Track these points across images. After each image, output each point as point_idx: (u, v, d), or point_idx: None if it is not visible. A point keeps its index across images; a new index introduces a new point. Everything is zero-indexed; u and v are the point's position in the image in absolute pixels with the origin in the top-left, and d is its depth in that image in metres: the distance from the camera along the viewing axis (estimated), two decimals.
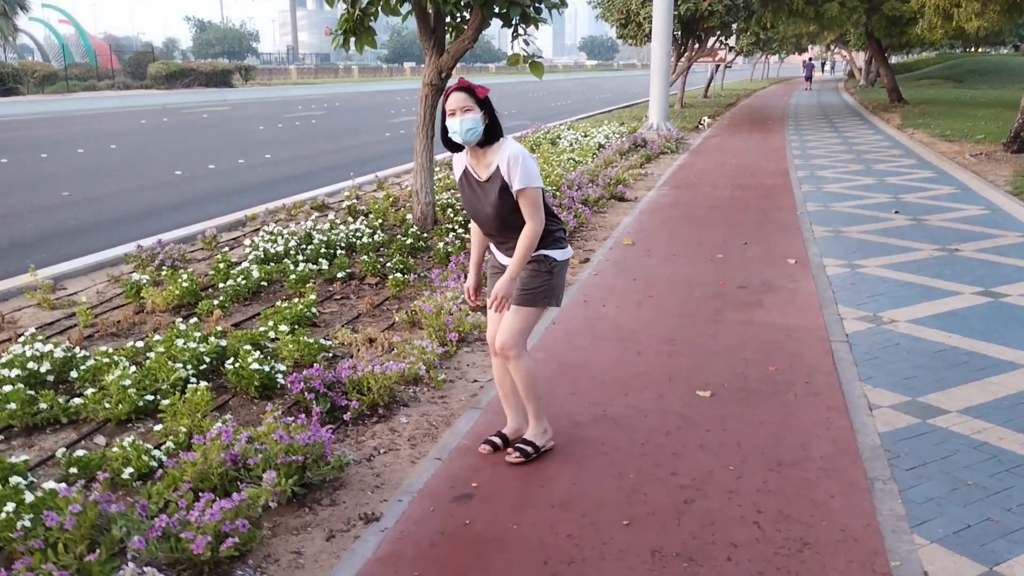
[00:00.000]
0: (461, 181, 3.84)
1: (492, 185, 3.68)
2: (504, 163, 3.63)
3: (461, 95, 3.60)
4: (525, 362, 3.85)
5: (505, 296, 3.71)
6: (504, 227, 3.74)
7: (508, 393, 4.07)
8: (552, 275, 3.81)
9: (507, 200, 3.65)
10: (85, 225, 9.94)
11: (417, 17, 8.50)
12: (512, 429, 4.11)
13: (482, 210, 3.75)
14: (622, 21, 27.51)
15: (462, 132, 3.59)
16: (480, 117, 3.61)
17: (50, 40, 58.05)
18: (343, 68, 76.46)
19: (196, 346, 4.86)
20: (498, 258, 3.94)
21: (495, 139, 3.68)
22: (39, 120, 26.11)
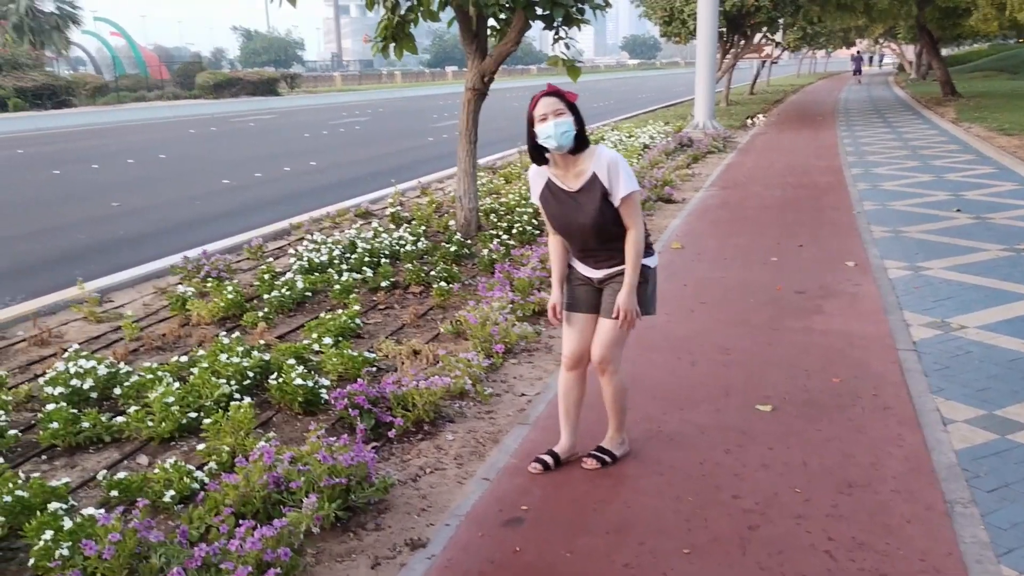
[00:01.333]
0: (544, 196, 3.68)
1: (589, 194, 3.53)
2: (603, 169, 3.50)
3: (552, 99, 3.48)
4: (621, 375, 3.82)
5: (631, 309, 3.60)
6: (601, 238, 3.60)
7: (570, 408, 3.93)
8: (647, 283, 3.70)
9: (608, 208, 3.51)
10: (134, 235, 10.01)
11: (459, 21, 8.38)
12: (565, 447, 3.95)
13: (577, 221, 3.59)
14: (666, 19, 27.16)
15: (557, 135, 3.43)
16: (572, 121, 3.47)
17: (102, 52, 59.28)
18: (386, 74, 76.92)
19: (239, 361, 4.78)
20: (582, 271, 3.78)
21: (585, 146, 3.55)
22: (91, 131, 26.61)
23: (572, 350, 3.84)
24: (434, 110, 34.19)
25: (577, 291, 3.81)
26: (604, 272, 3.70)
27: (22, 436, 4.25)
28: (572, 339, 3.85)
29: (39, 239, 9.86)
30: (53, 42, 45.52)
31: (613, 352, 3.73)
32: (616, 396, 3.86)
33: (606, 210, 3.51)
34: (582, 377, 3.91)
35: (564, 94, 3.52)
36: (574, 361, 3.85)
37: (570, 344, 3.85)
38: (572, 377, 3.89)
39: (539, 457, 3.92)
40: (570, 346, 3.85)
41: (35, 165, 17.58)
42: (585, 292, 3.79)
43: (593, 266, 3.72)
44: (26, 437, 4.29)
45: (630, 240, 3.56)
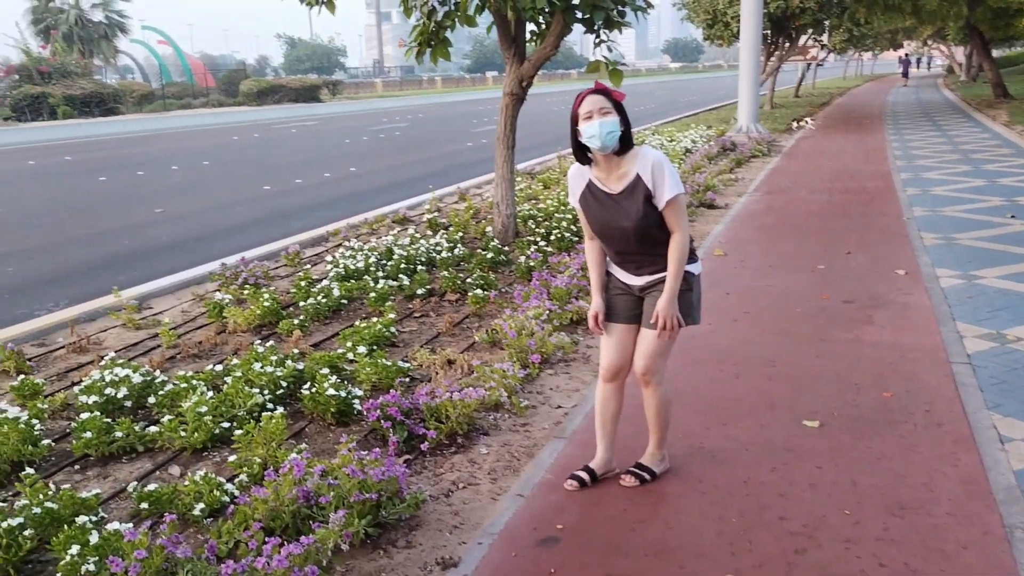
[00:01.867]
0: (585, 198, 3.55)
1: (632, 197, 3.40)
2: (647, 171, 3.36)
3: (598, 97, 3.35)
4: (666, 387, 3.70)
5: (672, 316, 3.47)
6: (643, 243, 3.45)
7: (607, 422, 3.80)
8: (692, 291, 3.55)
9: (651, 211, 3.38)
10: (176, 241, 10.09)
11: (497, 25, 8.30)
12: (600, 463, 3.82)
13: (618, 225, 3.45)
14: (709, 22, 26.87)
15: (602, 135, 3.31)
16: (618, 121, 3.35)
17: (150, 61, 60.42)
18: (427, 79, 77.33)
19: (273, 370, 4.73)
20: (622, 278, 3.64)
21: (630, 147, 3.42)
22: (137, 138, 27.07)
23: (610, 361, 3.72)
24: (474, 115, 34.23)
25: (615, 300, 3.68)
26: (645, 279, 3.56)
27: (55, 445, 4.24)
28: (610, 350, 3.72)
29: (85, 244, 9.98)
30: (101, 51, 46.48)
31: (657, 363, 3.60)
32: (660, 409, 3.72)
33: (649, 213, 3.38)
34: (620, 389, 3.78)
35: (611, 93, 3.39)
36: (612, 373, 3.72)
37: (608, 355, 3.73)
38: (610, 389, 3.76)
39: (575, 473, 3.80)
40: (608, 357, 3.73)
41: (82, 171, 17.89)
42: (624, 301, 3.66)
43: (633, 272, 3.58)
44: (60, 446, 4.28)
45: (674, 244, 3.42)
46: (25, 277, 8.45)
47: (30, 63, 35.57)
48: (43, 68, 35.46)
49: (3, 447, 3.96)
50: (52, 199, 13.87)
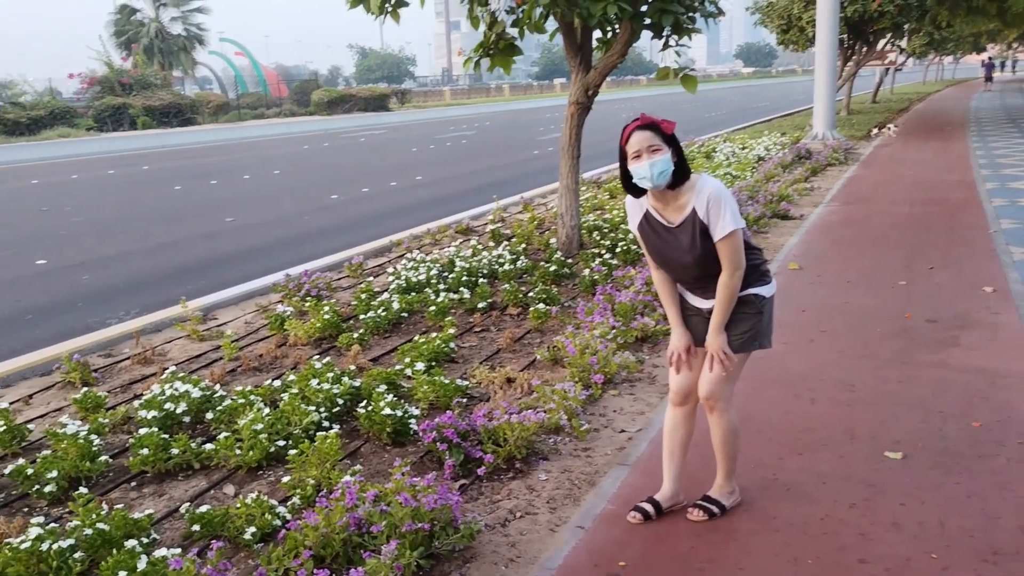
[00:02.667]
0: (643, 227, 3.38)
1: (688, 230, 3.22)
2: (703, 204, 3.16)
3: (646, 134, 3.14)
4: (732, 414, 3.47)
5: (720, 349, 3.30)
6: (705, 272, 3.27)
7: (675, 450, 3.60)
8: (762, 315, 3.34)
9: (707, 244, 3.19)
10: (245, 251, 10.19)
11: (563, 33, 8.15)
12: (667, 495, 3.61)
13: (677, 259, 3.29)
14: (783, 26, 26.23)
15: (653, 177, 3.12)
16: (670, 156, 3.15)
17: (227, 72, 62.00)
18: (494, 87, 77.60)
19: (330, 387, 4.65)
20: (691, 300, 3.46)
21: (685, 178, 3.22)
22: (211, 148, 27.71)
23: (679, 384, 3.53)
24: (540, 123, 34.13)
25: (688, 323, 3.50)
26: (710, 303, 3.35)
27: (113, 461, 4.22)
28: (683, 374, 3.53)
29: (157, 253, 10.16)
30: (180, 62, 47.86)
31: (722, 388, 3.38)
32: (726, 437, 3.50)
33: (706, 247, 3.19)
34: (690, 415, 3.58)
35: (659, 125, 3.17)
36: (681, 396, 3.53)
37: (677, 377, 3.54)
38: (679, 414, 3.57)
39: (639, 505, 3.60)
40: (677, 379, 3.54)
41: (158, 181, 18.34)
42: (695, 323, 3.47)
43: (701, 296, 3.41)
44: (118, 461, 4.27)
45: (722, 282, 3.22)
46: (100, 285, 8.62)
47: (112, 75, 36.81)
48: (124, 80, 36.66)
49: (62, 463, 3.95)
50: (129, 208, 14.21)
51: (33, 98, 33.84)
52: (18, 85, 35.22)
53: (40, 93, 35.36)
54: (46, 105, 32.12)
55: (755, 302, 3.31)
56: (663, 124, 3.18)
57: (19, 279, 8.96)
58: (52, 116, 31.53)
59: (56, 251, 10.38)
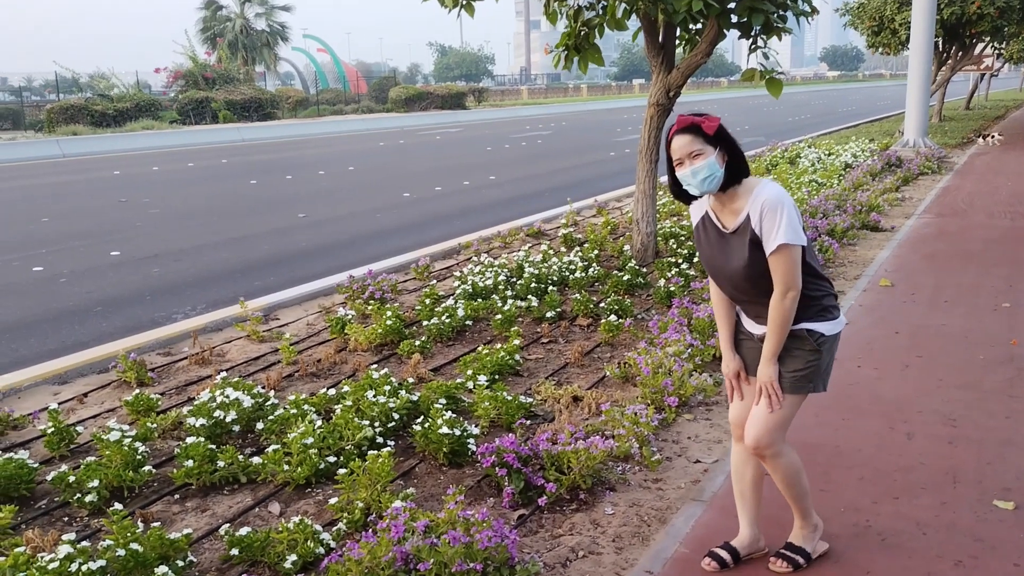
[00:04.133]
0: (698, 230, 3.05)
1: (740, 237, 2.86)
2: (757, 211, 2.80)
3: (685, 138, 2.83)
4: (786, 459, 3.06)
5: (769, 383, 2.92)
6: (757, 290, 2.91)
7: (746, 491, 3.23)
8: (820, 354, 2.92)
9: (759, 258, 2.83)
10: (314, 248, 10.09)
11: (645, 31, 7.78)
12: (744, 542, 3.25)
13: (726, 268, 2.94)
14: (874, 28, 25.19)
15: (697, 184, 2.82)
16: (715, 159, 2.81)
17: (309, 68, 63.10)
18: (572, 87, 77.09)
19: (386, 401, 4.40)
20: (745, 324, 3.10)
21: (741, 177, 2.87)
22: (289, 143, 28.03)
23: (737, 417, 3.19)
24: (618, 124, 33.61)
25: (740, 348, 3.14)
26: (763, 329, 2.98)
27: (156, 471, 4.05)
28: (736, 405, 3.19)
29: (228, 247, 10.14)
30: (263, 58, 48.78)
31: (772, 435, 2.97)
32: (787, 481, 3.10)
33: (758, 260, 2.83)
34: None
35: (701, 125, 2.81)
36: (741, 430, 3.17)
37: (734, 410, 3.20)
38: (743, 451, 3.19)
39: (714, 551, 3.24)
40: (734, 412, 3.20)
41: (235, 175, 18.54)
42: (749, 351, 3.10)
43: (753, 319, 3.04)
44: (163, 470, 4.10)
45: (775, 304, 2.83)
46: (170, 279, 8.60)
47: (196, 69, 37.68)
48: (207, 74, 37.48)
49: (107, 471, 3.79)
50: (204, 201, 14.34)
51: (122, 91, 34.80)
52: (109, 79, 36.23)
53: (129, 87, 36.36)
54: (132, 98, 32.99)
55: (809, 338, 2.90)
56: (704, 124, 2.82)
57: (93, 270, 9.02)
58: (138, 109, 32.37)
59: (131, 243, 10.46)
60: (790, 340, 2.91)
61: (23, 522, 3.63)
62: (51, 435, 4.22)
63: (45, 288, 8.23)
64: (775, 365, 2.91)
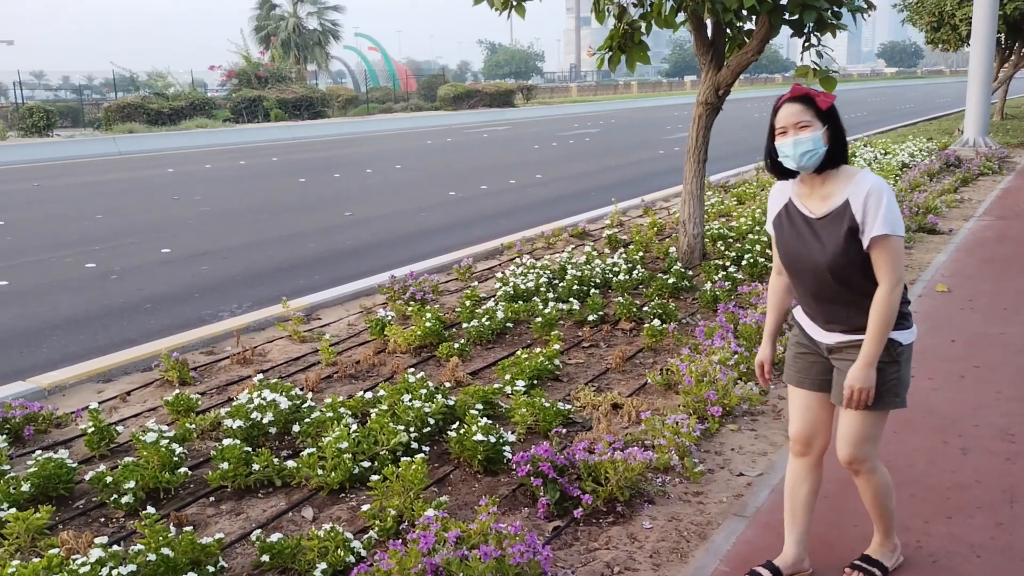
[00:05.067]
0: (780, 219, 2.91)
1: (833, 225, 2.73)
2: (860, 197, 2.69)
3: (796, 107, 2.73)
4: (880, 476, 2.98)
5: (866, 390, 2.75)
6: (840, 285, 2.76)
7: (798, 509, 3.11)
8: (899, 365, 2.80)
9: (854, 249, 2.70)
10: (359, 247, 10.13)
11: (694, 29, 7.62)
12: (788, 561, 3.12)
13: (809, 257, 2.79)
14: (934, 24, 24.52)
15: (796, 156, 2.71)
16: (821, 135, 2.71)
17: (360, 66, 63.66)
18: (623, 84, 76.58)
19: (421, 406, 4.35)
20: (809, 331, 2.95)
21: (839, 163, 2.77)
22: (339, 141, 28.28)
23: (798, 432, 3.05)
24: (667, 121, 33.26)
25: (800, 361, 3.00)
26: (835, 338, 2.84)
27: (193, 473, 4.05)
28: (797, 419, 3.05)
29: (275, 245, 10.23)
30: (315, 57, 49.35)
31: (865, 450, 2.87)
32: (878, 498, 3.00)
33: (851, 251, 2.69)
34: (815, 467, 3.08)
35: (815, 98, 2.72)
36: (802, 445, 3.05)
37: (795, 424, 3.06)
38: (801, 467, 3.08)
39: (755, 570, 3.12)
40: (795, 427, 3.06)
41: (285, 172, 18.74)
42: (811, 363, 2.97)
43: (823, 325, 2.88)
44: (199, 472, 4.10)
45: (879, 298, 2.69)
46: (217, 277, 8.70)
47: (249, 68, 38.24)
48: (260, 73, 38.01)
49: (143, 471, 3.80)
50: (254, 199, 14.51)
51: (178, 89, 35.47)
52: (166, 77, 36.98)
53: (184, 85, 37.05)
54: (187, 96, 33.61)
55: (891, 348, 2.76)
56: (819, 97, 2.72)
57: (143, 267, 9.17)
58: (192, 107, 32.96)
59: (181, 240, 10.61)
60: None
61: (60, 522, 3.66)
62: (91, 434, 4.26)
63: (97, 285, 8.38)
64: (872, 371, 2.74)
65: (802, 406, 3.03)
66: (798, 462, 3.08)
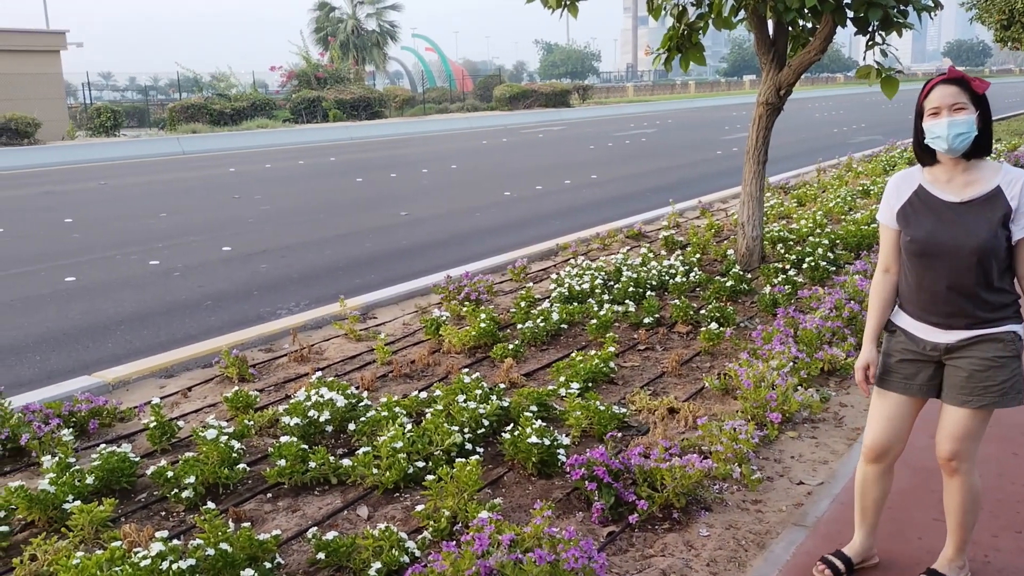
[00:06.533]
0: (907, 208, 2.85)
1: (983, 210, 2.71)
2: (1016, 185, 2.69)
3: (952, 88, 2.73)
4: (975, 479, 2.94)
5: None
6: (978, 273, 2.72)
7: (869, 507, 3.11)
8: (1019, 359, 2.76)
9: (1002, 236, 2.69)
10: (414, 246, 10.19)
11: (754, 28, 7.49)
12: (858, 549, 3.17)
13: (953, 242, 2.73)
14: (1004, 22, 23.74)
15: (949, 137, 2.68)
16: (974, 119, 2.69)
17: (417, 67, 64.21)
18: (680, 84, 75.87)
19: (476, 407, 4.35)
20: (918, 333, 2.88)
21: (984, 152, 2.76)
22: (395, 141, 28.53)
23: (877, 439, 2.98)
24: (725, 121, 32.84)
25: (895, 364, 2.92)
26: (957, 335, 2.78)
27: (251, 469, 4.11)
28: (879, 424, 2.98)
29: (332, 245, 10.35)
30: (373, 58, 49.89)
31: (969, 448, 2.84)
32: (966, 506, 2.94)
33: (999, 237, 2.67)
34: (887, 474, 3.05)
35: (970, 82, 2.70)
36: (877, 453, 2.99)
37: (875, 430, 2.99)
38: (873, 472, 3.04)
39: (827, 558, 3.16)
40: (875, 433, 2.99)
41: (342, 172, 18.97)
42: (910, 368, 2.89)
43: (942, 323, 2.80)
44: (257, 468, 4.16)
45: None
46: (276, 275, 8.83)
47: (309, 69, 38.81)
48: (319, 74, 38.54)
49: (203, 468, 3.87)
50: (312, 198, 14.71)
51: (240, 90, 36.17)
52: (229, 78, 37.73)
53: (247, 86, 37.76)
54: (248, 97, 34.25)
55: (1014, 342, 2.74)
56: (975, 82, 2.70)
57: (205, 264, 9.35)
58: (253, 107, 33.57)
59: (241, 238, 10.80)
60: (994, 346, 2.74)
61: (123, 515, 3.75)
62: (153, 429, 4.35)
63: (160, 282, 8.57)
64: None
65: (890, 414, 2.96)
66: (870, 468, 3.05)
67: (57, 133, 27.79)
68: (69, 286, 8.41)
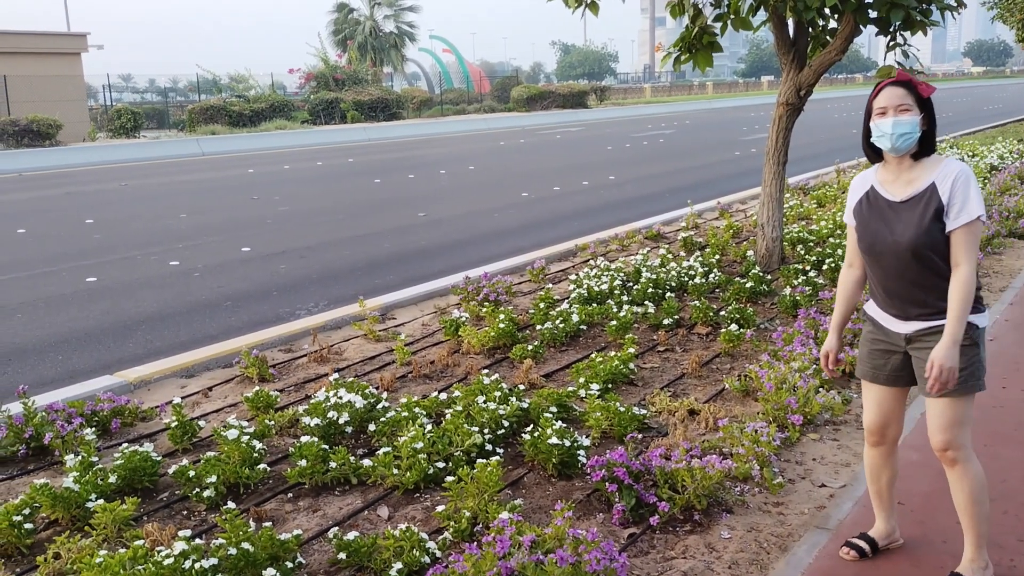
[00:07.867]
0: (860, 206, 2.99)
1: (917, 208, 2.82)
2: (947, 182, 2.80)
3: (898, 90, 2.85)
4: (975, 466, 2.97)
5: (950, 369, 2.77)
6: (920, 269, 2.83)
7: (883, 490, 3.23)
8: (978, 347, 2.86)
9: (936, 231, 2.78)
10: (433, 247, 10.21)
11: (775, 28, 7.45)
12: (882, 532, 3.27)
13: (888, 240, 2.86)
14: None
15: (893, 136, 2.80)
16: (918, 121, 2.82)
17: (435, 68, 64.33)
18: (697, 84, 75.57)
19: (496, 407, 4.35)
20: (884, 323, 3.00)
21: (928, 152, 2.86)
22: (413, 142, 28.59)
23: (872, 422, 3.15)
24: (744, 122, 32.67)
25: (875, 357, 3.05)
26: (913, 326, 2.90)
27: (272, 469, 4.13)
28: (870, 411, 3.15)
29: (350, 245, 10.38)
30: (391, 59, 49.97)
31: (957, 434, 2.90)
32: (973, 495, 2.95)
33: (933, 232, 2.77)
34: (890, 455, 3.18)
35: (916, 85, 2.82)
36: (875, 436, 3.16)
37: (868, 415, 3.16)
38: (877, 455, 3.19)
39: (852, 541, 3.27)
40: (869, 418, 3.16)
41: (360, 173, 19.03)
42: (884, 359, 3.02)
43: (900, 314, 2.92)
44: (277, 468, 4.17)
45: (958, 280, 2.76)
46: (295, 275, 8.86)
47: (327, 71, 38.96)
48: (337, 75, 38.68)
49: (224, 466, 3.89)
50: (330, 199, 14.76)
51: (259, 92, 36.36)
52: (247, 79, 37.93)
53: (265, 88, 37.96)
54: (267, 99, 34.41)
55: (970, 331, 2.81)
56: (921, 86, 2.82)
57: (224, 265, 9.40)
58: (272, 109, 33.72)
59: (260, 239, 10.85)
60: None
61: (145, 514, 3.77)
62: (174, 429, 4.38)
63: (180, 282, 8.63)
64: (958, 348, 2.77)
65: (876, 400, 3.13)
66: (874, 452, 3.19)
67: (78, 135, 28.04)
68: (90, 286, 8.48)
